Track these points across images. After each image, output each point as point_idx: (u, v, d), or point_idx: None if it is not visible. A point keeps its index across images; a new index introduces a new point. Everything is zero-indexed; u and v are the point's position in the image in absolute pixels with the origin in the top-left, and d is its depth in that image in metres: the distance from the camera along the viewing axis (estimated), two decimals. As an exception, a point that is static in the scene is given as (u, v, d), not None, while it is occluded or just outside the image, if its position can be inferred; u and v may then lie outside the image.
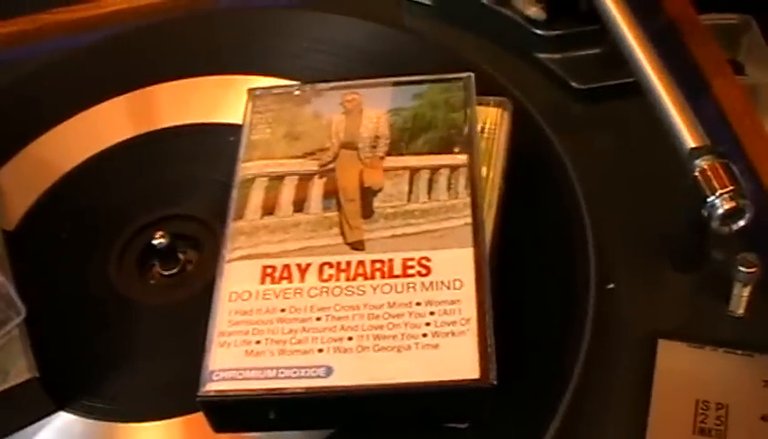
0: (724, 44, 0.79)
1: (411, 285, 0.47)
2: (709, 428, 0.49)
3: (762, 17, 0.80)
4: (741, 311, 0.53)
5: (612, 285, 0.54)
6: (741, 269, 0.52)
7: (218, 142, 0.60)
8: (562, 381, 0.48)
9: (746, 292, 0.53)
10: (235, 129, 0.57)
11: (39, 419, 0.51)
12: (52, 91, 0.65)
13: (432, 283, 0.47)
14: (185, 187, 0.59)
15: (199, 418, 0.48)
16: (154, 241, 0.55)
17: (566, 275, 0.53)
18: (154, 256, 0.57)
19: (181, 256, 0.57)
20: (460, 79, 0.55)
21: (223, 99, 0.62)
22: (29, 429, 0.51)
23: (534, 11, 0.63)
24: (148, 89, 0.63)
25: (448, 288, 0.47)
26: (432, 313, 0.46)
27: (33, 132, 0.62)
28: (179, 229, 0.57)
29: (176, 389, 0.51)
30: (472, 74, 0.55)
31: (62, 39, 0.69)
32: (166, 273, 0.57)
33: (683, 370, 0.51)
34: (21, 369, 0.50)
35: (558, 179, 0.56)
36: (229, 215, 0.51)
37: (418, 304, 0.47)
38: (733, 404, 0.50)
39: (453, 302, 0.46)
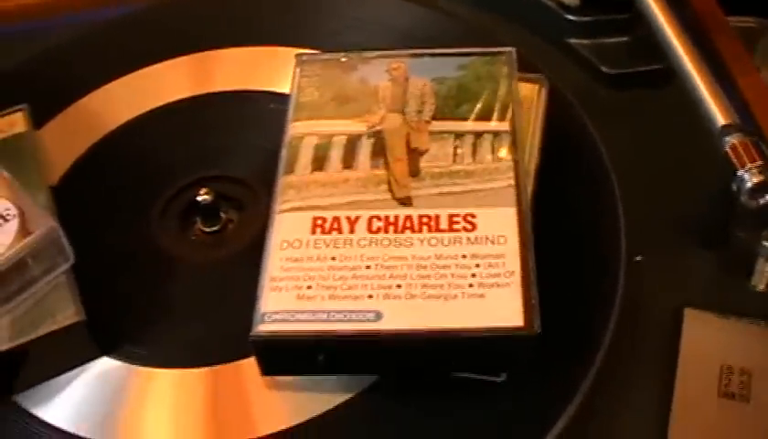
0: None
1: (458, 239, 0.49)
2: (732, 392, 0.51)
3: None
4: (762, 286, 0.55)
5: (639, 257, 0.56)
6: (766, 245, 0.54)
7: (261, 108, 0.61)
8: (593, 345, 0.50)
9: (768, 268, 0.55)
10: (277, 97, 0.59)
11: (84, 362, 0.52)
12: (101, 54, 0.66)
13: (477, 238, 0.49)
14: (229, 150, 0.61)
15: (233, 367, 0.50)
16: (199, 198, 0.57)
17: (598, 247, 0.55)
18: (197, 213, 0.58)
19: (223, 215, 0.58)
20: (503, 53, 0.57)
21: (268, 68, 0.64)
22: (74, 371, 0.52)
23: (568, -1, 0.65)
24: (194, 55, 0.65)
25: (493, 243, 0.49)
26: (477, 265, 0.48)
27: (79, 92, 0.64)
28: (222, 189, 0.58)
29: (212, 340, 0.53)
30: (514, 49, 0.57)
31: (106, 9, 0.71)
32: (208, 230, 0.58)
33: (708, 338, 0.53)
34: (68, 313, 0.51)
35: (590, 156, 0.58)
36: (279, 170, 0.53)
37: (464, 256, 0.48)
38: (756, 371, 0.52)
39: (497, 256, 0.48)
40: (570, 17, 0.66)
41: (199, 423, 0.50)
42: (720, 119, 0.54)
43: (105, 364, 0.52)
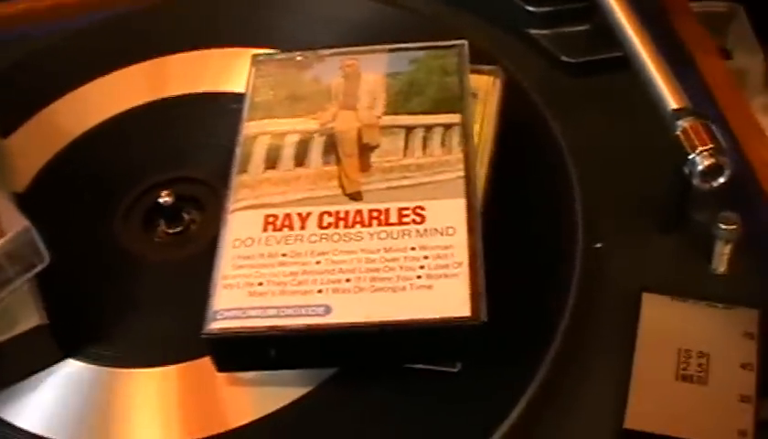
0: (713, 31, 0.81)
1: (407, 232, 0.49)
2: (690, 374, 0.51)
3: (750, 4, 0.82)
4: (722, 268, 0.55)
5: (599, 244, 0.56)
6: (722, 227, 0.54)
7: (222, 109, 0.62)
8: (550, 331, 0.51)
9: (727, 249, 0.55)
10: (238, 97, 0.60)
11: (48, 366, 0.53)
12: (63, 63, 0.67)
13: (426, 231, 0.49)
14: (189, 152, 0.62)
15: (198, 365, 0.50)
16: (161, 200, 0.58)
17: (555, 234, 0.55)
18: (160, 215, 0.59)
19: (185, 216, 0.59)
20: (455, 46, 0.58)
21: (226, 70, 0.64)
22: (40, 375, 0.53)
23: (525, -12, 0.66)
24: (153, 61, 0.66)
25: (441, 235, 0.49)
26: (425, 257, 0.49)
27: (44, 101, 0.64)
28: (184, 190, 0.59)
29: (177, 339, 0.53)
30: (466, 42, 0.58)
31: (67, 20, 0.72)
32: (171, 231, 0.59)
33: (666, 322, 0.53)
34: (31, 317, 0.52)
35: (547, 144, 0.58)
36: (232, 170, 0.54)
37: (413, 249, 0.49)
38: (714, 353, 0.52)
39: (446, 247, 0.49)
40: (530, 8, 0.66)
41: (166, 421, 0.51)
42: (672, 103, 0.54)
43: (71, 366, 0.53)
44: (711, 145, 0.52)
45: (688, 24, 0.67)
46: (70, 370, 0.53)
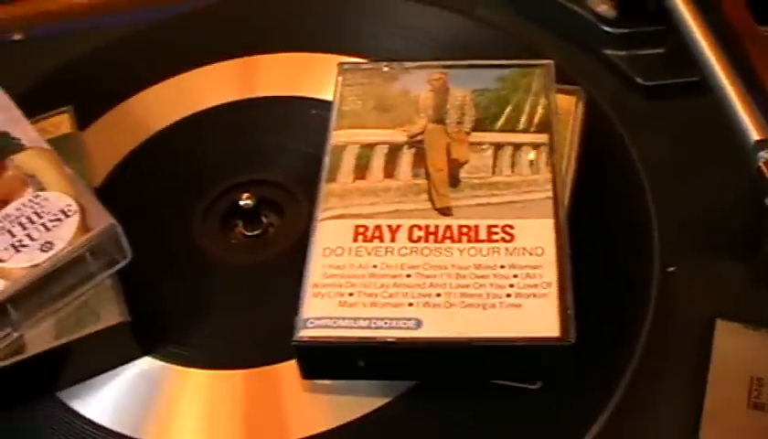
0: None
1: (496, 250, 0.50)
2: (763, 403, 0.52)
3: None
4: (794, 298, 0.56)
5: (672, 268, 0.57)
6: (797, 258, 0.55)
7: (303, 113, 0.63)
8: (626, 354, 0.51)
9: (800, 280, 0.56)
10: (319, 103, 0.61)
11: (126, 362, 0.53)
12: (145, 56, 0.68)
13: (515, 249, 0.50)
14: (271, 155, 0.62)
15: (271, 369, 0.52)
16: (241, 202, 0.58)
17: (631, 257, 0.56)
18: (239, 216, 0.59)
19: (264, 219, 0.59)
20: (541, 65, 0.58)
21: (310, 74, 0.65)
22: (115, 370, 0.53)
23: (605, 8, 0.66)
24: (239, 60, 0.66)
25: (530, 254, 0.50)
26: (515, 275, 0.49)
27: (123, 94, 0.65)
28: (264, 193, 0.60)
29: (250, 342, 0.54)
30: (552, 61, 0.58)
31: (151, 10, 0.72)
32: (249, 233, 0.59)
33: (739, 349, 0.54)
34: (113, 313, 0.52)
35: (625, 167, 0.59)
36: (321, 178, 0.54)
37: (502, 267, 0.50)
38: (786, 383, 0.53)
39: (535, 267, 0.49)
40: (607, 29, 0.67)
41: (235, 425, 0.51)
42: (754, 134, 0.55)
43: (146, 363, 0.54)
44: (792, 178, 0.53)
45: (761, 51, 0.68)
46: (145, 368, 0.54)
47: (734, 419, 0.51)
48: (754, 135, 0.55)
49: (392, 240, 0.51)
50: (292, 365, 0.50)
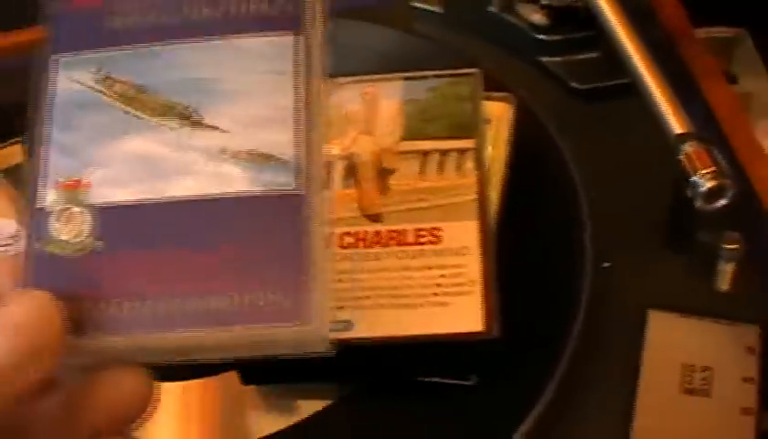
0: (719, 56, 0.83)
1: (423, 252, 0.52)
2: (694, 388, 0.54)
3: (755, 30, 0.84)
4: (725, 286, 0.58)
5: (607, 264, 0.58)
6: (725, 247, 0.57)
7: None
8: (560, 347, 0.53)
9: (730, 268, 0.57)
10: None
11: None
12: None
13: (441, 250, 0.52)
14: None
15: (219, 379, 0.53)
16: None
17: (566, 254, 0.57)
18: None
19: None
20: (469, 74, 0.60)
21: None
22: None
23: (538, 17, 0.68)
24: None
25: (456, 255, 0.52)
26: (442, 275, 0.51)
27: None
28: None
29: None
30: (480, 70, 0.60)
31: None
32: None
33: (671, 338, 0.56)
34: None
35: (557, 168, 0.61)
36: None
37: (429, 268, 0.52)
38: (717, 367, 0.54)
39: (460, 266, 0.51)
40: (541, 37, 0.69)
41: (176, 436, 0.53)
42: (676, 127, 0.57)
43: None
44: (713, 168, 0.54)
45: (693, 49, 0.70)
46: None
47: (668, 404, 0.53)
48: (676, 128, 0.57)
49: (324, 247, 0.53)
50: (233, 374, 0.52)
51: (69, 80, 0.43)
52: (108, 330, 0.39)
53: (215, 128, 0.42)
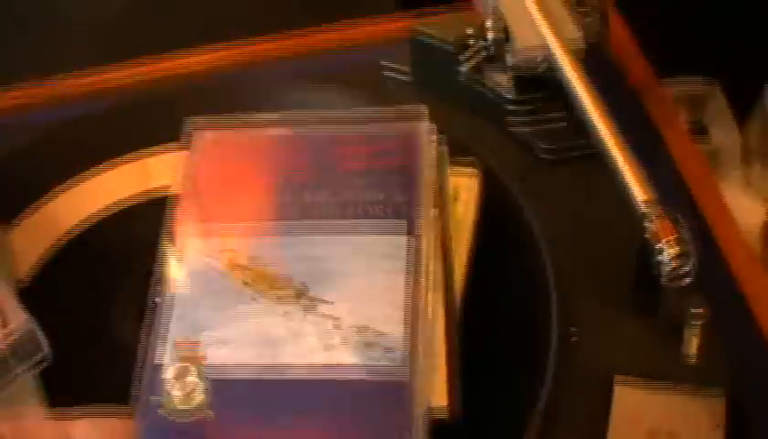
0: (690, 106, 0.85)
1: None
2: (660, 454, 0.54)
3: (725, 83, 0.86)
4: (692, 351, 0.58)
5: (574, 329, 0.59)
6: (691, 311, 0.57)
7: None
8: (527, 416, 0.53)
9: (696, 334, 0.57)
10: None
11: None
12: (64, 152, 0.69)
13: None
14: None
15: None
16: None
17: (532, 322, 0.58)
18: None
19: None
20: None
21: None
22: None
23: (505, 86, 0.69)
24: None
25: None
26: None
27: (44, 189, 0.67)
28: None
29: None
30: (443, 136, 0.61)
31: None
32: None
33: (637, 403, 0.56)
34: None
35: (524, 235, 0.61)
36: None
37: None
38: (683, 433, 0.54)
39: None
40: (509, 106, 0.69)
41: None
42: (640, 195, 0.57)
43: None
44: (676, 236, 0.55)
45: (659, 104, 0.70)
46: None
47: (634, 472, 0.53)
48: (641, 196, 0.58)
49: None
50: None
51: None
52: None
53: (328, 304, 0.46)
